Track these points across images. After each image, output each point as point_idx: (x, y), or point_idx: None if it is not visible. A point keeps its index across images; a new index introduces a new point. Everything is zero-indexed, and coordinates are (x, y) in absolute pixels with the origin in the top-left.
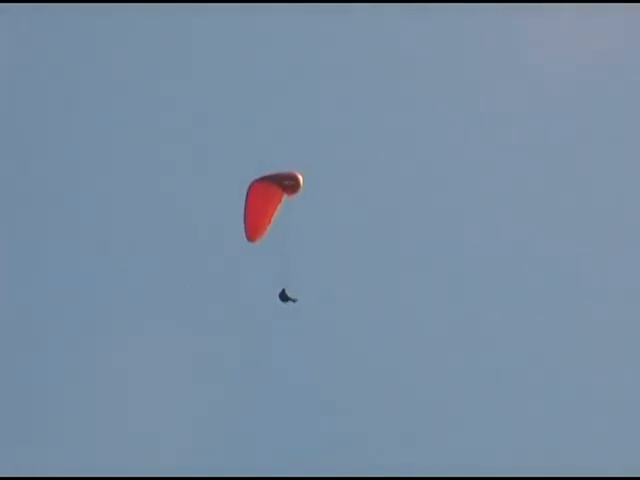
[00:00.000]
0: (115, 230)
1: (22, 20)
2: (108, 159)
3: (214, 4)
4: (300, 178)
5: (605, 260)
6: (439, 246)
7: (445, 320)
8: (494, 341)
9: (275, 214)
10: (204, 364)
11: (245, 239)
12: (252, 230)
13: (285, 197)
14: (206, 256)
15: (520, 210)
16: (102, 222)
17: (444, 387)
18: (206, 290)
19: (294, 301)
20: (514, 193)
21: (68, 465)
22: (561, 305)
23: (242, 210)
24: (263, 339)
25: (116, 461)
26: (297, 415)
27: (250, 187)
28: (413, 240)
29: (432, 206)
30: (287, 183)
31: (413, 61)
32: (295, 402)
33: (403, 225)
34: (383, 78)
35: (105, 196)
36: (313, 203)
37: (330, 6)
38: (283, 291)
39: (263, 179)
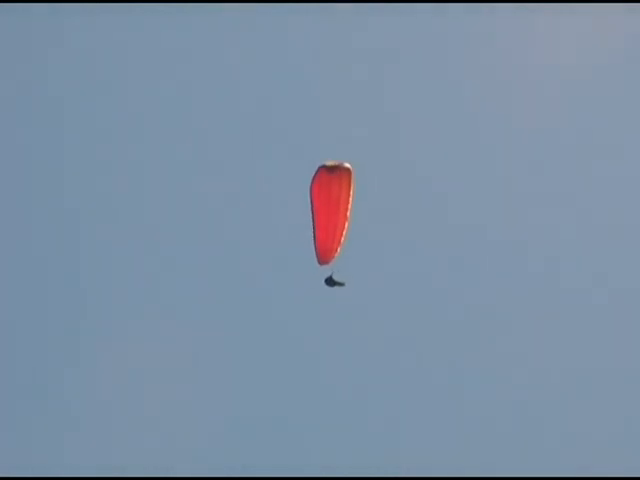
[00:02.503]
0: (119, 230)
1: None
2: (113, 158)
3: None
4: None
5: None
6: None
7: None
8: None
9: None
10: (204, 363)
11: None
12: (325, 251)
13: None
14: (204, 253)
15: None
16: (104, 222)
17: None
18: (208, 287)
19: (342, 284)
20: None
21: (68, 465)
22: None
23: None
24: (265, 337)
25: (116, 461)
26: (298, 415)
27: (311, 195)
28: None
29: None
30: (331, 165)
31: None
32: (297, 401)
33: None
34: (385, 78)
35: (107, 194)
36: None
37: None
38: (330, 276)
39: (314, 183)
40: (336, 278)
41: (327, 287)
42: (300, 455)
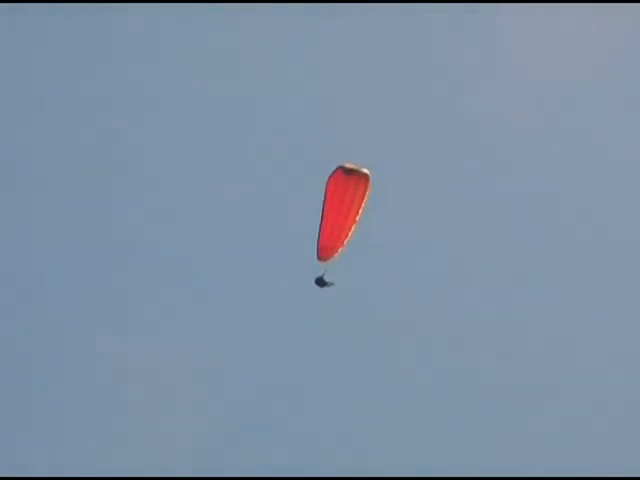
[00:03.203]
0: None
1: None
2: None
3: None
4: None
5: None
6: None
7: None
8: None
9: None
10: (204, 362)
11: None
12: (327, 248)
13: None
14: (205, 253)
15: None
16: (104, 221)
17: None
18: (210, 288)
19: (332, 284)
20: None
21: (68, 465)
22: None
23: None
24: (265, 339)
25: (116, 461)
26: (299, 415)
27: (325, 191)
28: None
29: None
30: (349, 168)
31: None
32: (298, 401)
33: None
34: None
35: (108, 194)
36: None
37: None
38: (321, 277)
39: (330, 184)
40: (327, 279)
41: (322, 288)
42: (300, 455)
